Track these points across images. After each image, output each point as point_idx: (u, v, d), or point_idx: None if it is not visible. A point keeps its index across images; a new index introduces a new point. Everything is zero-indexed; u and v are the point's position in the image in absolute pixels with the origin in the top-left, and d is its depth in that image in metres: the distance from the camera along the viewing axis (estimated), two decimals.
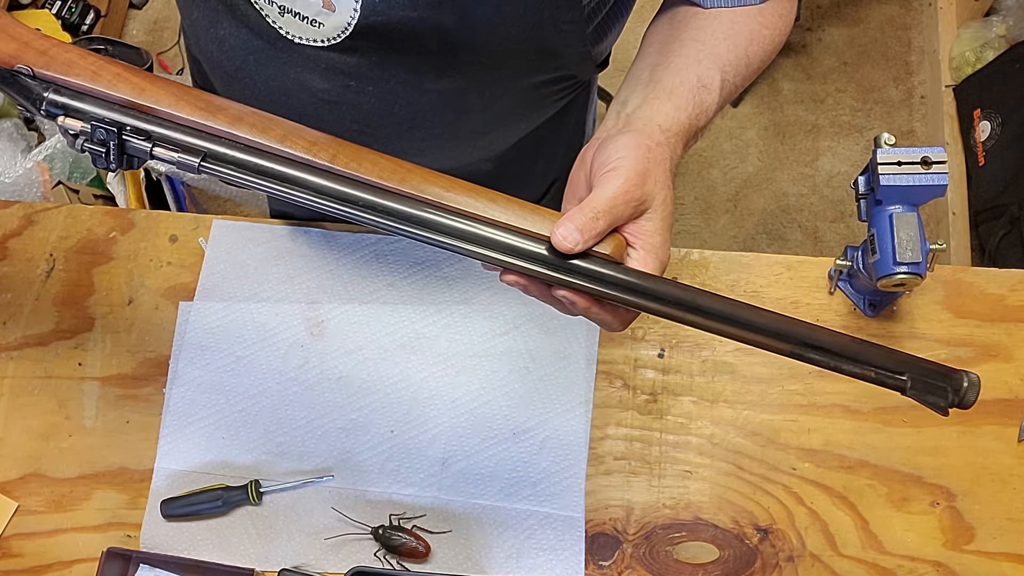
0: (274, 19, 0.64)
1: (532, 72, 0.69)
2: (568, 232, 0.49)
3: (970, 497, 0.85)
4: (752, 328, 0.51)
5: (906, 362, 0.53)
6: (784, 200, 1.92)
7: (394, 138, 0.76)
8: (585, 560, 0.85)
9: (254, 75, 0.71)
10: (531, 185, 0.94)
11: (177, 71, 2.12)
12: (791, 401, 0.88)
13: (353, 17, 0.61)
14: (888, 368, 0.53)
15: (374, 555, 0.86)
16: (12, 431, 0.93)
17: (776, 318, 0.50)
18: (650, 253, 0.52)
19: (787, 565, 0.84)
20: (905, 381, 0.54)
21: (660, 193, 0.53)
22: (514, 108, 0.74)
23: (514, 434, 0.89)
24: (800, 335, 0.50)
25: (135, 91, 0.52)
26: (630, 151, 0.52)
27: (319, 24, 0.62)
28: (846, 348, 0.52)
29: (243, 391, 0.92)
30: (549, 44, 0.66)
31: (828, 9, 2.06)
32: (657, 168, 0.53)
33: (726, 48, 0.61)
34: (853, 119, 1.97)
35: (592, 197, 0.51)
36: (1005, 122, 1.69)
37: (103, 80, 0.53)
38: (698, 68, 0.59)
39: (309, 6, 0.62)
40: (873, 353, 0.52)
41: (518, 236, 0.50)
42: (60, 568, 0.88)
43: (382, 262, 0.95)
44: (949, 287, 0.91)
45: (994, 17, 1.83)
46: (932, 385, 0.55)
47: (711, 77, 0.59)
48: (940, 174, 0.78)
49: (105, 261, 0.98)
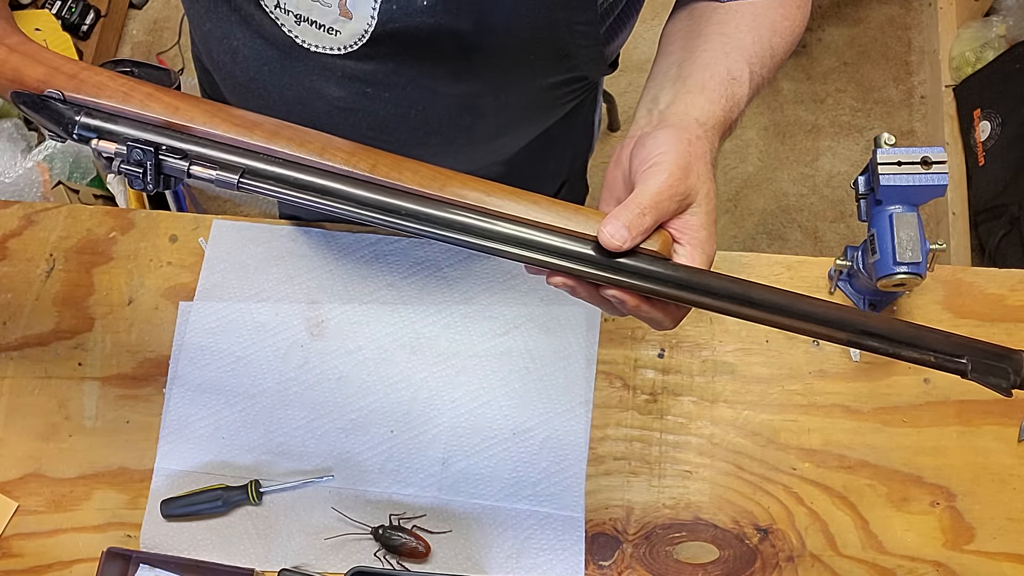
0: (290, 28, 0.63)
1: (546, 74, 0.69)
2: (616, 230, 0.48)
3: (970, 497, 0.85)
4: (809, 318, 0.50)
5: (964, 344, 0.52)
6: (784, 200, 1.92)
7: (410, 144, 0.76)
8: (585, 560, 0.85)
9: (268, 85, 0.71)
10: (542, 186, 0.94)
11: (178, 70, 2.12)
12: (791, 401, 0.88)
13: (370, 24, 0.60)
14: (947, 352, 0.52)
15: (374, 555, 0.86)
16: (12, 431, 0.93)
17: (831, 307, 0.50)
18: (697, 248, 0.51)
19: (787, 565, 0.84)
20: (965, 364, 0.52)
21: (704, 187, 0.52)
22: (527, 110, 0.75)
23: (514, 434, 0.89)
24: (856, 323, 0.50)
25: (168, 110, 0.52)
26: (671, 146, 0.52)
27: (336, 32, 0.62)
28: (902, 333, 0.51)
29: (243, 391, 0.92)
30: (563, 45, 0.66)
31: (828, 9, 2.06)
32: (699, 161, 0.52)
33: (751, 40, 0.60)
34: (853, 119, 1.97)
35: (637, 193, 0.50)
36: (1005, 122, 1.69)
37: (135, 101, 0.52)
38: (727, 61, 0.58)
39: (326, 14, 0.61)
40: (931, 338, 0.52)
41: (563, 237, 0.50)
42: (60, 568, 0.88)
43: (382, 262, 0.95)
44: (949, 287, 0.91)
45: (994, 17, 1.83)
46: (993, 367, 0.53)
47: (740, 70, 0.58)
48: (940, 174, 0.78)
49: (105, 261, 0.98)
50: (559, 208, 0.50)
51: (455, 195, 0.51)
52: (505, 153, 0.81)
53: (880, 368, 0.89)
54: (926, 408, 0.87)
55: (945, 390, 0.88)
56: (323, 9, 0.61)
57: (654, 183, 0.50)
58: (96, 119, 0.53)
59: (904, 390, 0.88)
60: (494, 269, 0.95)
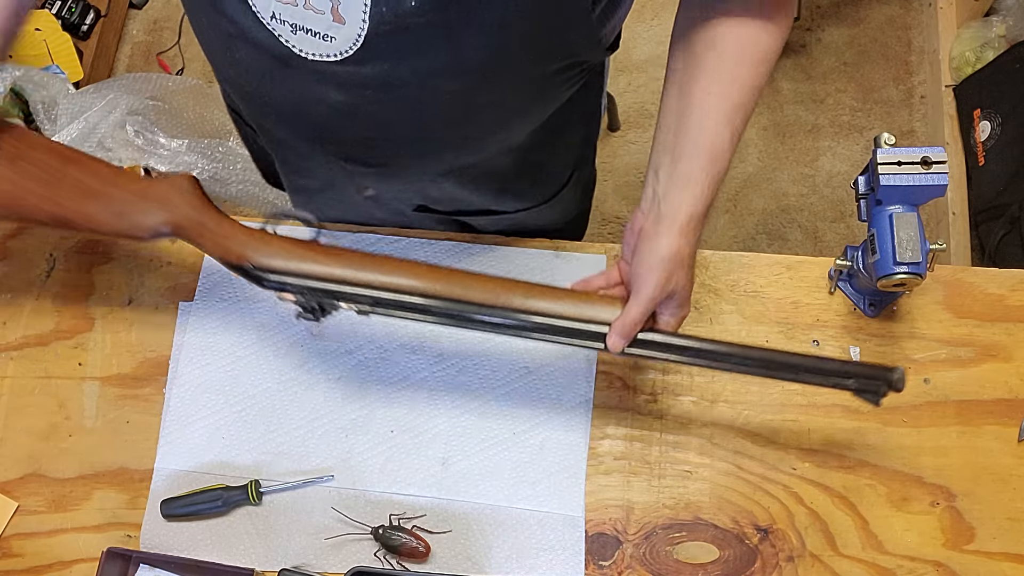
0: (286, 38, 0.64)
1: (543, 63, 0.69)
2: (615, 343, 0.71)
3: (970, 497, 0.85)
4: (731, 359, 0.72)
5: (853, 369, 0.73)
6: (784, 200, 1.92)
7: (412, 141, 0.77)
8: (585, 560, 0.85)
9: (272, 92, 0.73)
10: (552, 175, 0.94)
11: (177, 71, 2.12)
12: (791, 401, 0.88)
13: (363, 28, 0.61)
14: (840, 375, 0.73)
15: (374, 555, 0.86)
16: (12, 431, 0.93)
17: (752, 349, 0.72)
18: (671, 316, 0.73)
19: (787, 565, 0.84)
20: (852, 384, 0.73)
21: (682, 285, 0.70)
22: (528, 100, 0.75)
23: (514, 434, 0.89)
24: (773, 360, 0.72)
25: (318, 266, 0.74)
26: (657, 263, 0.69)
27: (331, 38, 0.63)
28: (806, 365, 0.73)
29: (243, 391, 0.92)
30: (558, 33, 0.66)
31: (828, 9, 2.06)
32: (680, 269, 0.69)
33: (736, 90, 0.68)
34: (853, 119, 1.97)
35: (630, 307, 0.70)
36: (1005, 122, 1.69)
37: (298, 269, 0.74)
38: (712, 138, 0.68)
39: (320, 22, 0.62)
40: (829, 367, 0.73)
41: (589, 324, 0.72)
42: (60, 568, 0.88)
43: None
44: (949, 287, 0.91)
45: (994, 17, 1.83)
46: (871, 383, 0.73)
47: (721, 142, 0.68)
48: (940, 174, 0.78)
49: (105, 261, 0.98)
50: (596, 300, 0.73)
51: (507, 303, 0.73)
52: (510, 143, 0.81)
53: None
54: (926, 408, 0.87)
55: (945, 390, 0.88)
56: (317, 17, 0.62)
57: (643, 296, 0.70)
58: (277, 279, 0.75)
59: (904, 390, 0.88)
60: (494, 269, 0.95)
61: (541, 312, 0.72)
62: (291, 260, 0.74)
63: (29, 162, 0.80)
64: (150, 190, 0.79)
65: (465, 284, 0.73)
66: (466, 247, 0.95)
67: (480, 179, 0.86)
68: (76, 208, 0.79)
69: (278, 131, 0.83)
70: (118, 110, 1.65)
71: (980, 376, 0.88)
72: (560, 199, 0.97)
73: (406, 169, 0.84)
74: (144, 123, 1.63)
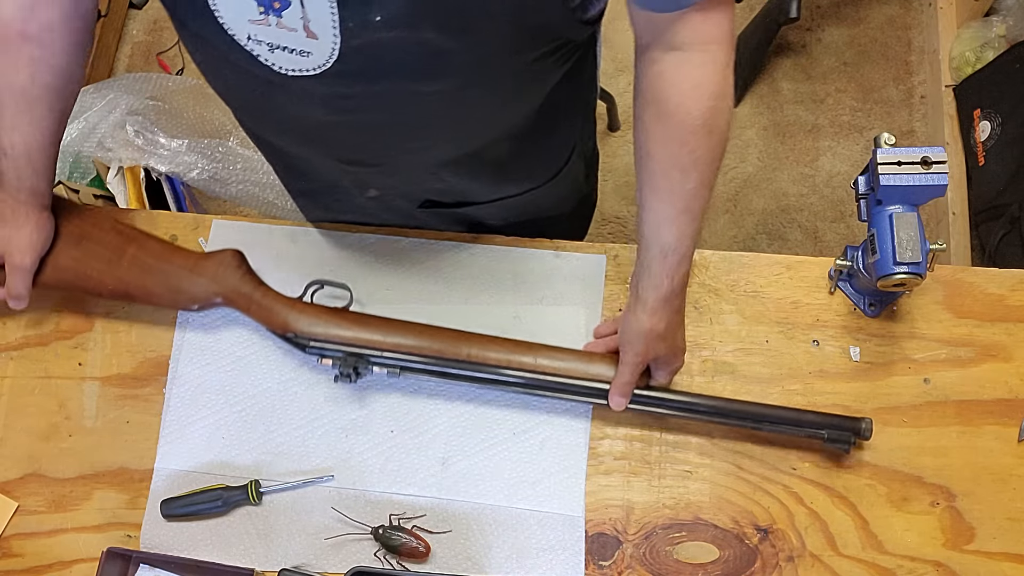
0: (265, 57, 0.66)
1: (525, 52, 0.70)
2: (616, 403, 0.83)
3: (970, 497, 0.85)
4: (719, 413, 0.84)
5: (827, 420, 0.83)
6: (784, 200, 1.92)
7: (405, 140, 0.77)
8: (585, 560, 0.85)
9: (262, 108, 0.76)
10: (553, 151, 0.94)
11: (177, 71, 2.12)
12: (791, 401, 0.88)
13: (335, 43, 0.63)
14: (814, 426, 0.83)
15: (374, 555, 0.86)
16: (12, 431, 0.93)
17: (739, 403, 0.84)
18: (664, 374, 0.84)
19: (787, 565, 0.84)
20: (824, 434, 0.82)
21: (663, 352, 0.80)
22: (516, 87, 0.75)
23: (514, 434, 0.89)
24: (755, 414, 0.83)
25: (357, 335, 0.86)
26: (633, 339, 0.79)
27: (307, 54, 0.64)
28: (787, 418, 0.83)
29: (243, 391, 0.92)
30: (535, 22, 0.66)
31: (828, 9, 2.06)
32: (657, 341, 0.79)
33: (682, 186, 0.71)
34: (853, 119, 1.97)
35: (620, 373, 0.82)
36: (1005, 122, 1.69)
37: (335, 334, 0.86)
38: (660, 237, 0.74)
39: (294, 39, 0.63)
40: (806, 419, 0.83)
41: (592, 382, 0.84)
42: (60, 568, 0.88)
43: (382, 262, 0.95)
44: (949, 287, 0.91)
45: (994, 17, 1.83)
46: (842, 434, 0.82)
47: (670, 240, 0.73)
48: (940, 174, 0.78)
49: None
50: (597, 359, 0.85)
51: (518, 364, 0.85)
52: (505, 130, 0.81)
53: (880, 368, 0.89)
54: (926, 408, 0.87)
55: (945, 390, 0.88)
56: (291, 34, 0.63)
57: (628, 363, 0.81)
58: (317, 345, 0.86)
59: (904, 390, 0.88)
60: (494, 269, 0.95)
61: (550, 371, 0.84)
62: (328, 327, 0.85)
63: (94, 241, 0.90)
64: (200, 265, 0.89)
65: (482, 345, 0.85)
66: (467, 247, 0.95)
67: (480, 167, 0.86)
68: (136, 283, 0.89)
69: (275, 140, 0.85)
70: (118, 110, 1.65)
71: (980, 376, 0.88)
72: (565, 175, 0.97)
73: (403, 166, 0.84)
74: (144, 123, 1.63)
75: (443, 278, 0.94)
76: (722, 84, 0.67)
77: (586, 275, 0.94)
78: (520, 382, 0.85)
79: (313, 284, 0.90)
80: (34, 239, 0.86)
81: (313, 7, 0.60)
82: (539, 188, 0.95)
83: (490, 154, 0.84)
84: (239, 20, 0.63)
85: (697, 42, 0.65)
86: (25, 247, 0.85)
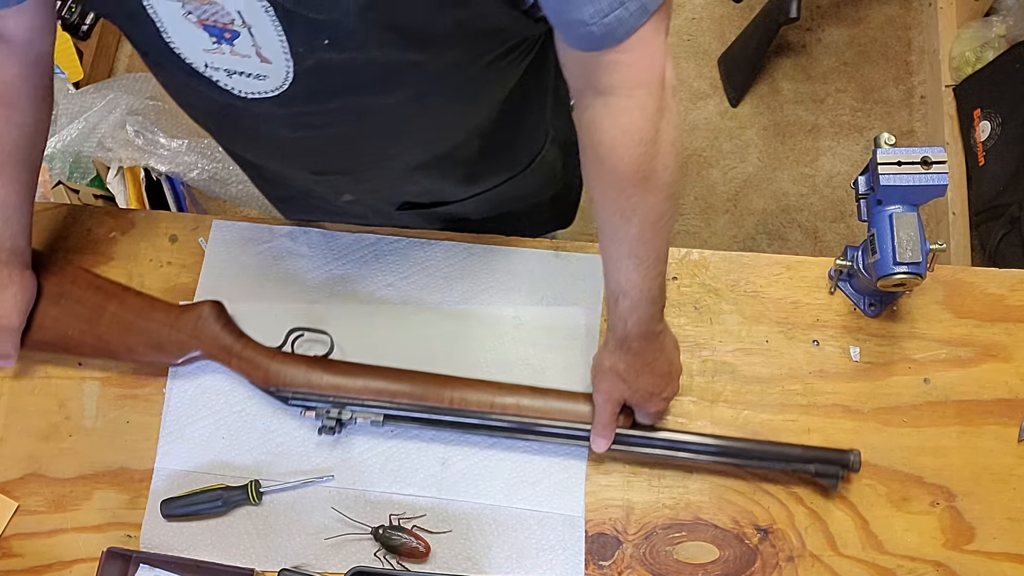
0: (224, 82, 0.67)
1: (479, 58, 0.70)
2: (598, 445, 0.83)
3: (970, 497, 0.85)
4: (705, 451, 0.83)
5: (815, 455, 0.83)
6: (784, 200, 1.92)
7: (372, 149, 0.78)
8: (585, 560, 0.85)
9: (228, 128, 0.78)
10: (523, 145, 0.93)
11: None
12: (791, 401, 0.88)
13: (289, 66, 0.63)
14: (803, 460, 0.82)
15: (374, 555, 0.86)
16: (12, 431, 0.93)
17: (727, 439, 0.84)
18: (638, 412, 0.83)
19: (787, 565, 0.84)
20: (812, 469, 0.82)
21: (630, 394, 0.80)
22: (476, 90, 0.75)
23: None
24: (744, 451, 0.83)
25: (337, 385, 0.85)
26: (598, 376, 0.81)
27: (263, 77, 0.65)
28: (774, 453, 0.83)
29: (243, 391, 0.92)
30: (482, 29, 0.66)
31: (828, 9, 2.06)
32: (618, 381, 0.79)
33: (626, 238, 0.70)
34: (853, 119, 1.97)
35: (596, 415, 0.82)
36: (1005, 122, 1.69)
37: (317, 385, 0.85)
38: (610, 281, 0.74)
39: (249, 64, 0.64)
40: (793, 453, 0.83)
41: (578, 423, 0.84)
42: (60, 568, 0.88)
43: (382, 262, 0.95)
44: (949, 287, 0.91)
45: (994, 17, 1.83)
46: (830, 467, 0.82)
47: (620, 284, 0.73)
48: (940, 174, 0.78)
49: (105, 261, 0.98)
50: (581, 399, 0.85)
51: (501, 407, 0.84)
52: (474, 128, 0.82)
53: (880, 368, 0.89)
54: (926, 408, 0.87)
55: (945, 390, 0.88)
56: (245, 60, 0.64)
57: (598, 402, 0.82)
58: (299, 397, 0.86)
59: (904, 390, 0.88)
60: (494, 269, 0.95)
61: (534, 413, 0.84)
62: (310, 377, 0.85)
63: (73, 300, 0.90)
64: (180, 320, 0.88)
65: (465, 389, 0.84)
66: (466, 247, 0.95)
67: (453, 166, 0.86)
68: (118, 342, 0.89)
69: (245, 155, 0.87)
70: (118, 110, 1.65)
71: (980, 376, 0.88)
72: (540, 162, 0.97)
73: (373, 173, 0.85)
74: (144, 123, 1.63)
75: (443, 277, 0.94)
76: (651, 130, 0.64)
77: (586, 275, 0.93)
78: (505, 426, 0.84)
79: (294, 332, 0.89)
80: (19, 299, 0.86)
81: (261, 35, 0.61)
82: (515, 177, 0.95)
83: (461, 153, 0.84)
84: (194, 50, 0.64)
85: (623, 87, 0.63)
86: (11, 308, 0.86)
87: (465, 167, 0.88)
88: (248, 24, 0.60)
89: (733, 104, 2.00)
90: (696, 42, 2.07)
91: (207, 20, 0.61)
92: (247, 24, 0.60)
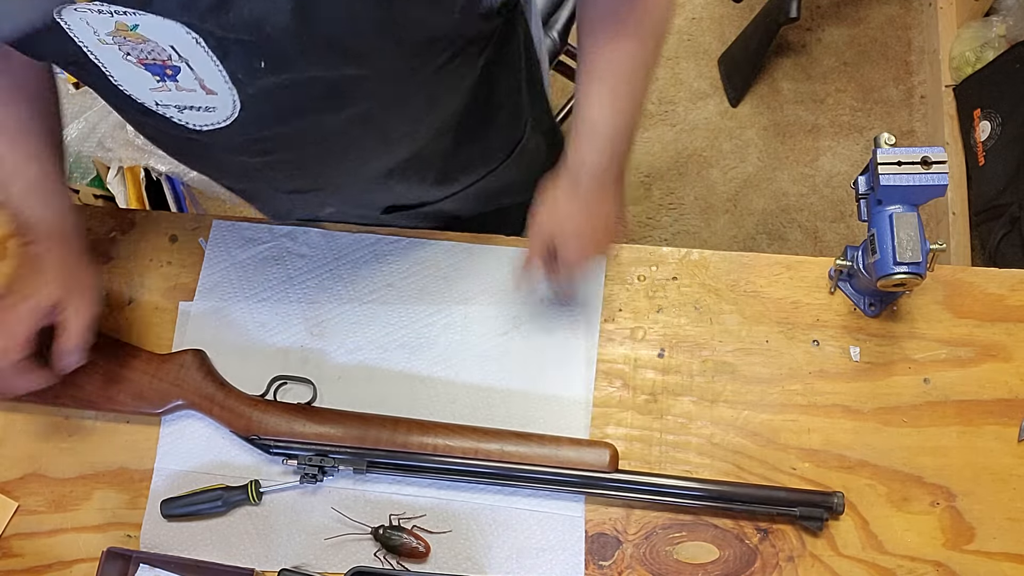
0: (177, 118, 0.67)
1: (431, 61, 0.69)
2: (522, 282, 0.88)
3: (970, 497, 0.85)
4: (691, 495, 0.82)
5: (798, 498, 0.82)
6: (784, 200, 1.92)
7: (338, 163, 0.79)
8: (585, 560, 0.85)
9: (195, 158, 0.79)
10: (501, 136, 0.93)
11: None
12: (791, 401, 0.88)
13: (233, 95, 0.64)
14: (787, 504, 0.82)
15: (374, 555, 0.86)
16: (12, 431, 0.93)
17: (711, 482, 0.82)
18: (559, 252, 0.80)
19: (787, 565, 0.84)
20: (796, 511, 0.81)
21: (563, 228, 0.78)
22: (431, 93, 0.75)
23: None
24: (726, 494, 0.82)
25: (319, 434, 0.84)
26: (538, 216, 0.80)
27: (212, 109, 0.65)
28: (758, 496, 0.82)
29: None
30: (421, 37, 0.65)
31: (828, 9, 2.06)
32: (553, 215, 0.78)
33: (614, 76, 0.71)
34: (853, 119, 1.97)
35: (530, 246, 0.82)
36: (1005, 122, 1.69)
37: (299, 433, 0.84)
38: (578, 118, 0.74)
39: (196, 98, 0.65)
40: (777, 497, 0.82)
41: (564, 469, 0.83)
42: (60, 568, 0.88)
43: (382, 262, 0.95)
44: (949, 287, 0.91)
45: (994, 17, 1.83)
46: (814, 510, 0.81)
47: (587, 118, 0.73)
48: (940, 174, 0.78)
49: (105, 261, 0.98)
50: (566, 443, 0.83)
51: (485, 453, 0.83)
52: (441, 127, 0.81)
53: (880, 368, 0.89)
54: (926, 408, 0.87)
55: (945, 390, 0.88)
56: (191, 95, 0.64)
57: (531, 235, 0.80)
58: (280, 446, 0.85)
59: (904, 390, 0.88)
60: (494, 269, 0.95)
61: (518, 458, 0.83)
62: (292, 426, 0.84)
63: None
64: (162, 369, 0.88)
65: (448, 435, 0.84)
66: (466, 247, 0.95)
67: (426, 167, 0.86)
68: (100, 393, 0.88)
69: (217, 179, 0.88)
70: None
71: (980, 376, 0.88)
72: (522, 151, 0.96)
73: (345, 185, 0.85)
74: None
75: (443, 277, 0.94)
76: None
77: (586, 275, 0.93)
78: (489, 472, 0.83)
79: (276, 380, 0.89)
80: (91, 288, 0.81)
81: (200, 67, 0.61)
82: (498, 169, 0.95)
83: (432, 152, 0.83)
84: (141, 89, 0.65)
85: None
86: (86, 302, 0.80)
87: (440, 165, 0.87)
88: (184, 58, 0.60)
89: (733, 104, 2.00)
90: (696, 42, 2.07)
91: (146, 59, 0.61)
92: (183, 58, 0.60)
